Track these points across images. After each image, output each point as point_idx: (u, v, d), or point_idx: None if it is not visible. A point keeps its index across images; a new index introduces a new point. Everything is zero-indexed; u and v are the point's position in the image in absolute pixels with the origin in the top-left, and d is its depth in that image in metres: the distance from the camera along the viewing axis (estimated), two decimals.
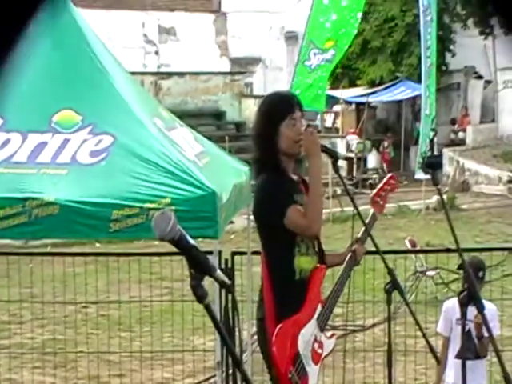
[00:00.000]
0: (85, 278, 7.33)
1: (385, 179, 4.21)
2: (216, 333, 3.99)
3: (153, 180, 4.66)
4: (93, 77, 5.25)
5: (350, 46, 12.61)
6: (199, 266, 2.03)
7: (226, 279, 2.19)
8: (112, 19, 22.72)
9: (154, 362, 6.83)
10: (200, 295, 1.97)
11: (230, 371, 5.76)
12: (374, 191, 4.05)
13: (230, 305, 5.29)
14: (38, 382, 6.61)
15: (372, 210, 3.98)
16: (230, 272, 5.61)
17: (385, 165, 21.60)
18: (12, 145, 4.94)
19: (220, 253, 5.70)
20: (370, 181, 19.45)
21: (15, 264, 7.38)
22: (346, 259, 3.86)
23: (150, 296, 7.44)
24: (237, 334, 2.71)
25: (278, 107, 3.83)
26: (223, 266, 5.57)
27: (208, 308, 2.07)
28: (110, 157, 4.80)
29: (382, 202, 3.98)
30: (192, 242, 2.03)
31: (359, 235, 3.93)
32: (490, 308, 5.01)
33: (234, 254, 6.00)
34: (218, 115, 23.32)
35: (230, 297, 5.12)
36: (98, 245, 11.47)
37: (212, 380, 6.76)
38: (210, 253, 5.03)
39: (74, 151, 4.87)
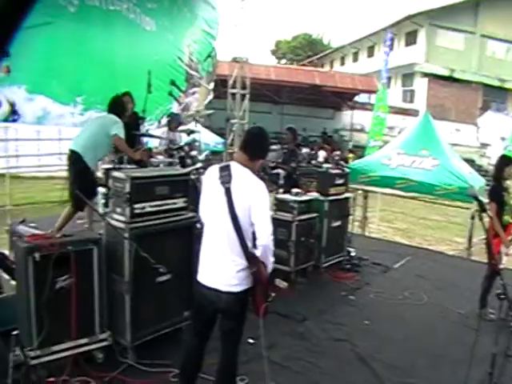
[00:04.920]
0: None
1: None
2: None
3: (452, 178, 9.78)
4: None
5: None
6: (479, 202, 4.43)
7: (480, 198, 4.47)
8: None
9: None
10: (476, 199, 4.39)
11: None
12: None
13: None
14: None
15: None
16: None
17: None
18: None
19: None
20: None
21: None
22: None
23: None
24: None
25: None
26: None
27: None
28: (438, 168, 10.02)
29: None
30: (478, 196, 4.46)
31: None
32: None
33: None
34: None
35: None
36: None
37: None
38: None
39: (424, 165, 10.19)
